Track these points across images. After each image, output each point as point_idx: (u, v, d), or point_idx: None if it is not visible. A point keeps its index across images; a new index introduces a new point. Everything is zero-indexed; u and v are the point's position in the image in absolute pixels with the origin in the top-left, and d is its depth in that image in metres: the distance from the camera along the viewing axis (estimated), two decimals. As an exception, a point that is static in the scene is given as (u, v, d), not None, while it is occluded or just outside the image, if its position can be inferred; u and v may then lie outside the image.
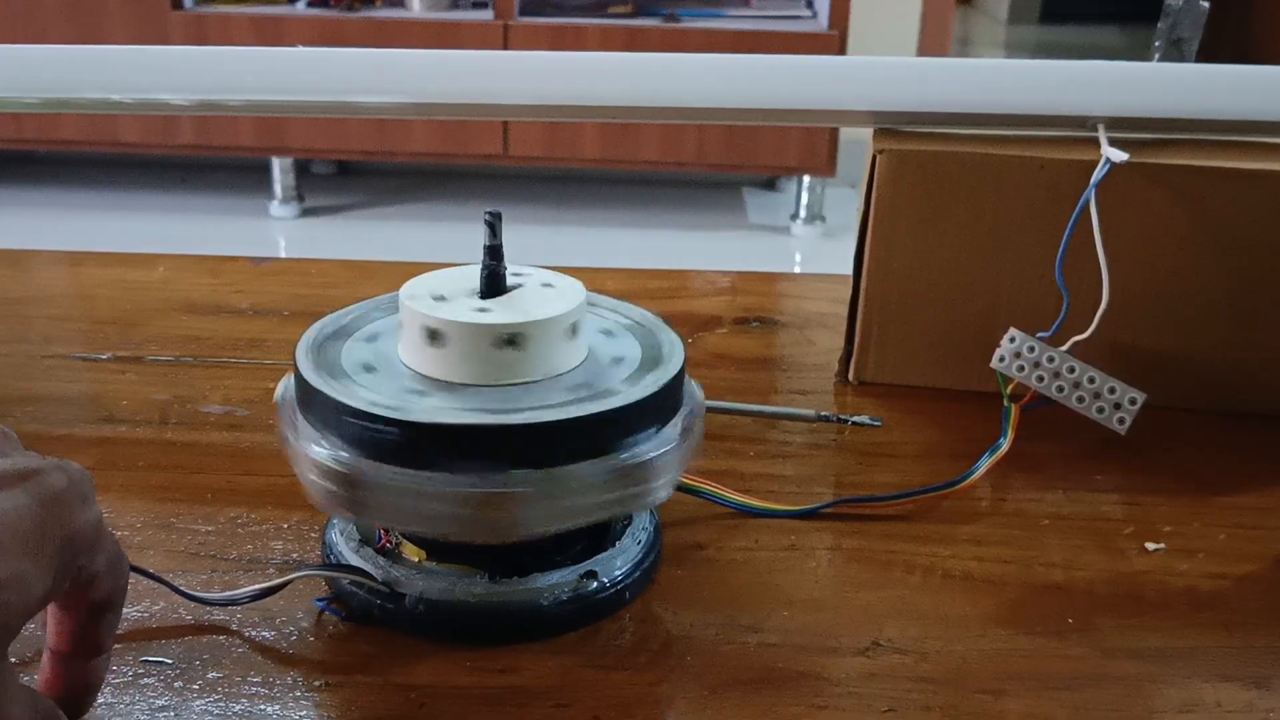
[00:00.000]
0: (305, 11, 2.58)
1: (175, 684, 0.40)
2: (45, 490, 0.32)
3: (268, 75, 0.63)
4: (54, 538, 0.32)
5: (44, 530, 0.31)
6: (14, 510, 0.31)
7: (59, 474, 0.33)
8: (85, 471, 0.34)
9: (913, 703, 0.40)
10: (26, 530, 0.31)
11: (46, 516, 0.32)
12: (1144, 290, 0.58)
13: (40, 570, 0.31)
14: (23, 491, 0.31)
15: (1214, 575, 0.48)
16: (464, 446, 0.40)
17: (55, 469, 0.33)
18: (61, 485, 0.33)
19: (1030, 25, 5.21)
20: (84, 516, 0.33)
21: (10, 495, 0.31)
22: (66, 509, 0.32)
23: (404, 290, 0.44)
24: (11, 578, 0.30)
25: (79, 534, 0.33)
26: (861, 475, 0.55)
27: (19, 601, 0.30)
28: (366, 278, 0.76)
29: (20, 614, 0.30)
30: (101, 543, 0.34)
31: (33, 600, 0.31)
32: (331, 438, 0.41)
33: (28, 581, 0.30)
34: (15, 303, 0.72)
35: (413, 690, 0.40)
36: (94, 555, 0.34)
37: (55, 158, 2.94)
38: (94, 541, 0.34)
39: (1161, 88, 0.59)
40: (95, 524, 0.34)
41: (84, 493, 0.33)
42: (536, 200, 2.83)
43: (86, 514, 0.33)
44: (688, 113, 0.62)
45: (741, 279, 0.77)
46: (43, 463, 0.33)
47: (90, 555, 0.34)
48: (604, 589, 0.44)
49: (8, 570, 0.30)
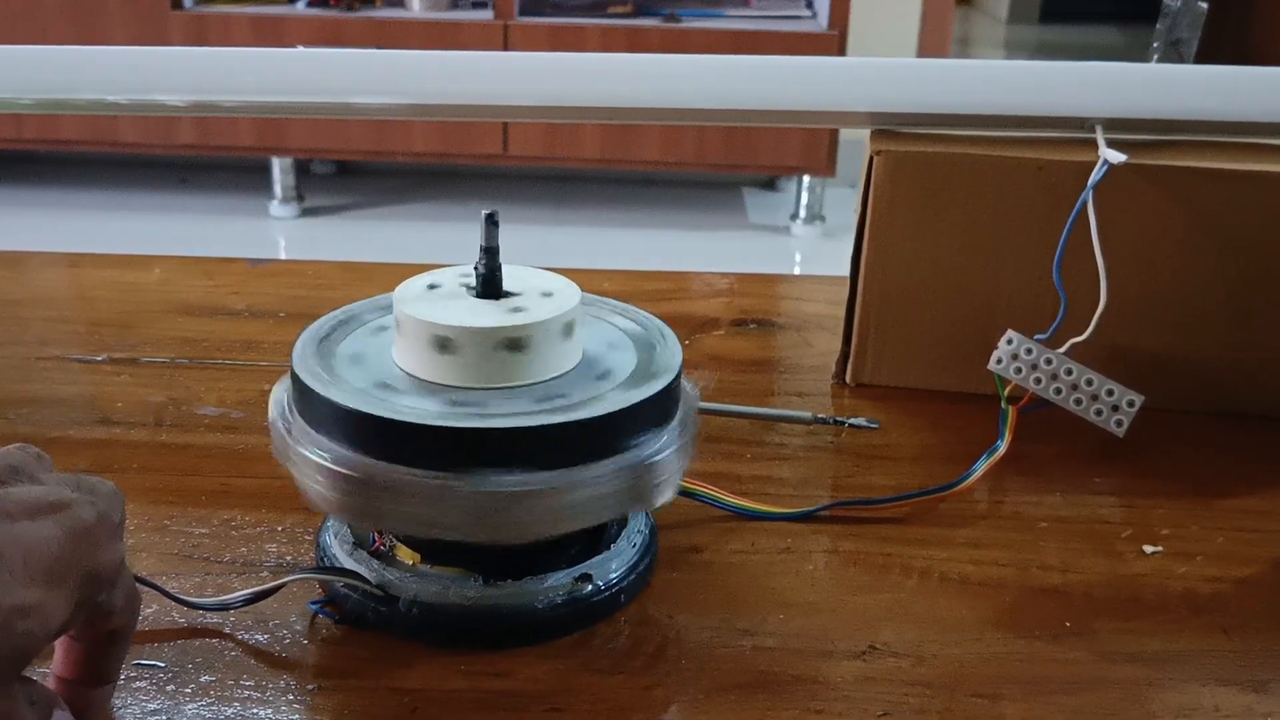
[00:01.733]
0: (305, 11, 2.58)
1: (167, 687, 0.40)
2: (74, 523, 0.32)
3: (268, 75, 0.63)
4: (77, 571, 0.32)
5: (68, 563, 0.32)
6: (42, 541, 0.31)
7: (89, 508, 0.33)
8: (118, 495, 0.35)
9: (909, 706, 0.40)
10: (51, 561, 0.31)
11: (73, 550, 0.32)
12: (1142, 292, 0.58)
13: (61, 601, 0.31)
14: (53, 522, 0.32)
15: (1212, 578, 0.48)
16: (456, 449, 0.39)
17: (87, 502, 0.33)
18: (90, 520, 0.33)
19: (1030, 25, 5.21)
20: (109, 552, 0.34)
21: (40, 525, 0.32)
22: (93, 544, 0.33)
23: (397, 292, 0.44)
24: (34, 606, 0.30)
25: (102, 569, 0.33)
26: (858, 478, 0.55)
27: (39, 630, 0.31)
28: (363, 279, 0.76)
29: (38, 641, 0.31)
30: (122, 578, 0.35)
31: (51, 629, 0.31)
32: (326, 439, 0.41)
33: (48, 611, 0.31)
34: (11, 304, 0.72)
35: (406, 694, 0.40)
36: (114, 590, 0.34)
37: (55, 158, 2.94)
38: (113, 578, 0.34)
39: (1160, 89, 0.59)
40: (116, 562, 0.34)
41: (110, 529, 0.34)
42: (536, 200, 2.82)
43: (111, 550, 0.34)
44: (688, 113, 0.62)
45: (739, 280, 0.77)
46: (75, 494, 0.33)
47: (108, 591, 0.34)
48: (599, 592, 0.44)
49: (31, 598, 0.30)
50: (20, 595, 0.30)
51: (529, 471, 0.40)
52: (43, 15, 2.50)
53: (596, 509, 0.41)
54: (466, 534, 0.41)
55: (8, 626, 0.29)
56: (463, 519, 0.40)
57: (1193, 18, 0.60)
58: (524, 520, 0.40)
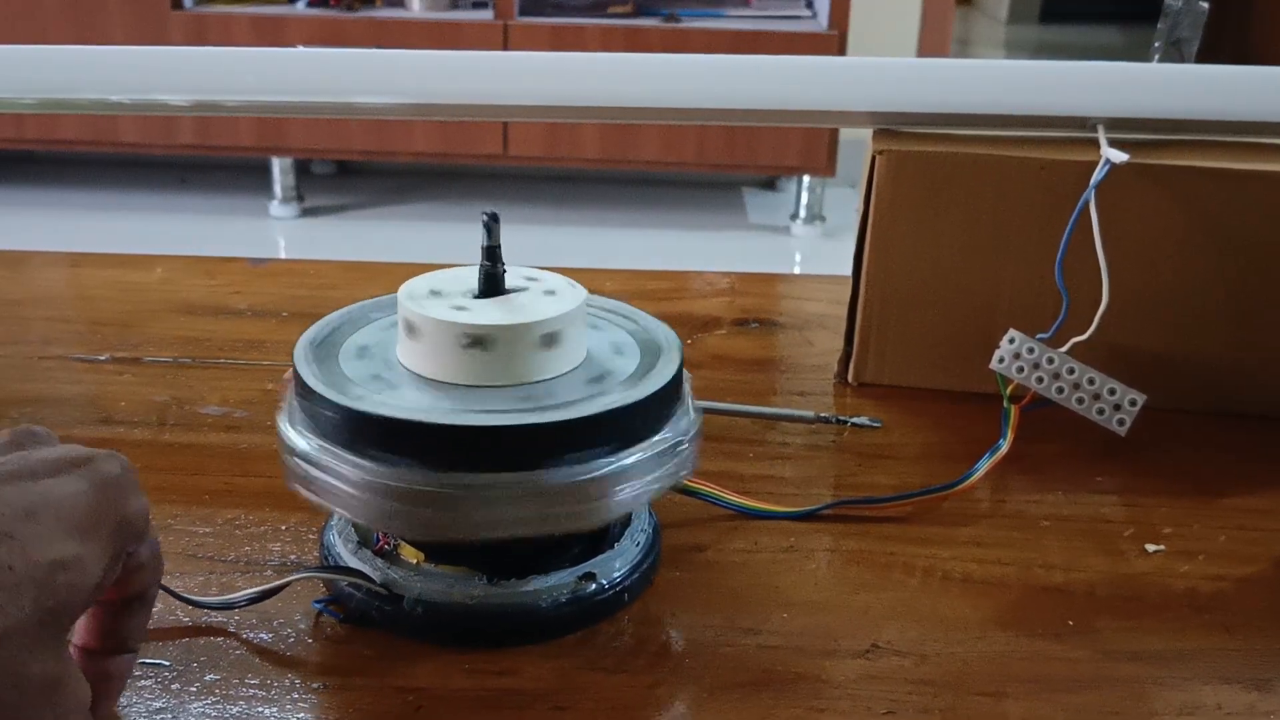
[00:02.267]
0: (305, 11, 2.58)
1: (172, 686, 0.40)
2: (101, 475, 0.33)
3: (268, 75, 0.63)
4: (109, 521, 0.32)
5: (100, 514, 0.32)
6: (72, 495, 0.32)
7: (112, 460, 0.34)
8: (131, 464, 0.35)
9: (912, 705, 0.40)
10: (84, 513, 0.31)
11: (102, 500, 0.32)
12: (1144, 291, 0.58)
13: (97, 553, 0.32)
14: (79, 477, 0.32)
15: (1214, 577, 0.48)
16: (452, 446, 0.39)
17: (108, 456, 0.34)
18: (116, 471, 0.33)
19: (1030, 25, 5.21)
20: (137, 502, 0.34)
21: (68, 480, 0.32)
22: (121, 493, 0.33)
23: (402, 290, 0.44)
24: (73, 559, 0.30)
25: (132, 519, 0.33)
26: (861, 477, 0.55)
27: (80, 581, 0.31)
28: (365, 279, 0.76)
29: (81, 595, 0.31)
30: (149, 532, 0.35)
31: (90, 583, 0.31)
32: (325, 437, 0.41)
33: (86, 562, 0.31)
34: (14, 304, 0.72)
35: (410, 693, 0.40)
36: (141, 543, 0.34)
37: (55, 158, 2.94)
38: (143, 529, 0.34)
39: (1161, 88, 0.59)
40: (145, 512, 0.34)
41: (134, 479, 0.34)
42: (536, 200, 2.82)
43: (138, 500, 0.34)
44: (688, 113, 0.62)
45: (740, 280, 0.77)
46: (95, 451, 0.34)
47: (138, 542, 0.34)
48: (603, 591, 0.44)
49: (69, 551, 0.30)
50: (57, 548, 0.30)
51: (521, 471, 0.40)
52: (43, 15, 2.50)
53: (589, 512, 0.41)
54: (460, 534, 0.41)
55: (49, 581, 0.29)
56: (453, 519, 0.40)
57: (1194, 18, 0.60)
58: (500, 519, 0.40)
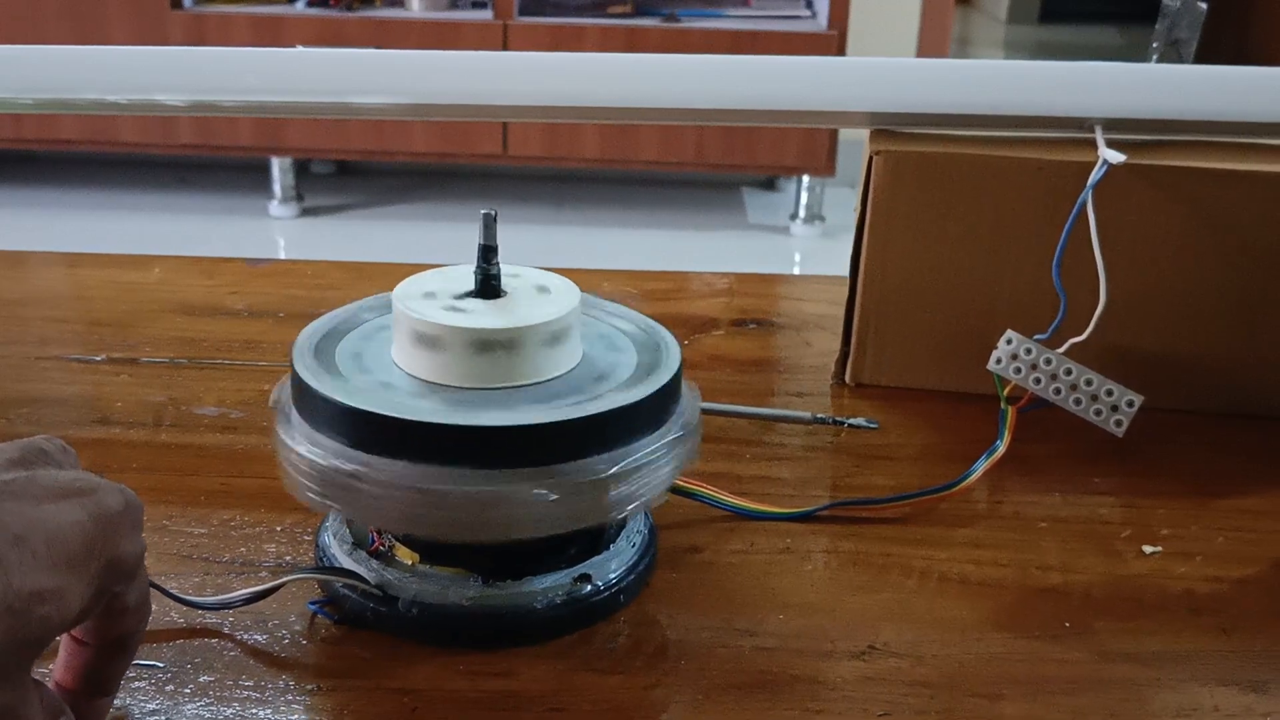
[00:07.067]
0: (305, 11, 2.58)
1: (166, 687, 0.40)
2: (101, 509, 0.32)
3: (268, 75, 0.63)
4: (100, 557, 0.31)
5: (92, 548, 0.31)
6: (68, 525, 0.31)
7: (117, 495, 0.33)
8: (139, 501, 0.34)
9: (909, 707, 0.40)
10: (76, 546, 0.31)
11: (97, 535, 0.31)
12: (1141, 292, 0.58)
13: (80, 588, 0.31)
14: (79, 506, 0.31)
15: (1212, 578, 0.48)
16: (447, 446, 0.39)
17: (114, 490, 0.33)
18: (117, 507, 0.32)
19: (1029, 25, 5.20)
20: (131, 543, 0.33)
21: (67, 508, 0.31)
22: (117, 531, 0.32)
23: (397, 290, 0.44)
24: (53, 592, 0.29)
25: (124, 558, 0.32)
26: (858, 478, 0.55)
27: (56, 616, 0.30)
28: (362, 279, 0.76)
29: (55, 629, 0.30)
30: (139, 576, 0.34)
31: (69, 616, 0.30)
32: (325, 437, 0.41)
33: (67, 597, 0.30)
34: (11, 304, 0.72)
35: (406, 694, 0.40)
36: (130, 586, 0.34)
37: (55, 158, 2.94)
38: (134, 571, 0.33)
39: (1159, 89, 0.59)
40: (139, 554, 0.34)
41: (135, 520, 0.33)
42: (536, 200, 2.82)
43: (134, 541, 0.33)
44: (688, 113, 0.62)
45: (739, 280, 0.77)
46: (102, 482, 0.33)
47: (126, 584, 0.33)
48: (598, 592, 0.44)
49: (52, 584, 0.29)
50: (40, 580, 0.29)
51: (517, 470, 0.40)
52: (43, 15, 2.50)
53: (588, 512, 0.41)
54: (460, 534, 0.41)
55: (25, 612, 0.29)
56: (453, 518, 0.40)
57: (1192, 18, 0.60)
58: (507, 520, 0.40)
